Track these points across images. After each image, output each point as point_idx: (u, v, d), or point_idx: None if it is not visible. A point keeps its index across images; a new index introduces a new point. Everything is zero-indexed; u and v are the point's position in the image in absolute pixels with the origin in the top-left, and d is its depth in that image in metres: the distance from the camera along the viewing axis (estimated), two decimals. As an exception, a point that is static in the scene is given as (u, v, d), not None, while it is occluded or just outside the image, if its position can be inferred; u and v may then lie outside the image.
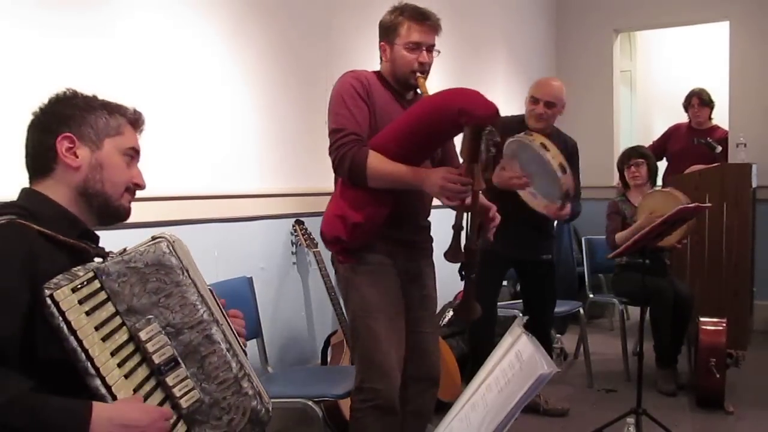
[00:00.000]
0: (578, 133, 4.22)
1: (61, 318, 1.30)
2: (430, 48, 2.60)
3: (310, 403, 2.78)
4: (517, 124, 3.72)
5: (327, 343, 3.67)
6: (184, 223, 3.00)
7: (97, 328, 1.35)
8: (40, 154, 1.54)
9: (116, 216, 1.61)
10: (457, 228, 2.46)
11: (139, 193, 1.68)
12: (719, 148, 5.51)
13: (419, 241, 2.74)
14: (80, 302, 1.34)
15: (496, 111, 2.29)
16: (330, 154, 2.49)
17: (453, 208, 2.44)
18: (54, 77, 2.60)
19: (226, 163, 3.36)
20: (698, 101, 5.66)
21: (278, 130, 3.66)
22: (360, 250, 2.55)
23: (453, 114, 2.30)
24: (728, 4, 6.02)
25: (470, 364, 4.02)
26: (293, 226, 3.67)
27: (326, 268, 3.56)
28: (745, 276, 5.16)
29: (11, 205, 1.48)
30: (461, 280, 2.53)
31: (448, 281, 2.91)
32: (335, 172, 2.52)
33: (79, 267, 1.40)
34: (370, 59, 4.03)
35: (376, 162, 2.41)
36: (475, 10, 5.47)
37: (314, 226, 3.71)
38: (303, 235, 3.63)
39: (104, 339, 1.36)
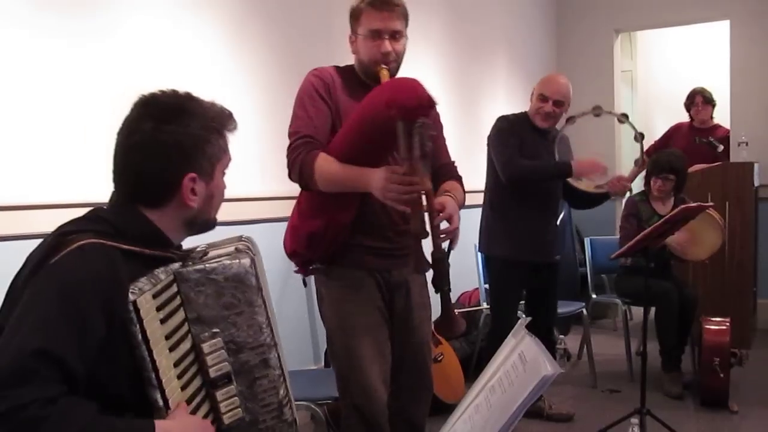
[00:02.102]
0: (579, 133, 4.21)
1: (138, 326, 1.29)
2: (394, 35, 2.33)
3: (312, 405, 2.78)
4: (525, 122, 3.71)
5: (330, 345, 3.67)
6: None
7: (167, 337, 1.35)
8: (155, 186, 1.46)
9: (208, 230, 1.59)
10: (415, 235, 2.16)
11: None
12: (721, 147, 5.51)
13: (398, 248, 2.42)
14: (158, 309, 1.34)
15: (429, 101, 2.07)
16: (286, 158, 2.33)
17: (404, 212, 2.18)
18: (55, 81, 2.61)
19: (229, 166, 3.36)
20: (701, 99, 5.66)
21: (279, 133, 3.63)
22: (328, 262, 2.38)
23: (382, 107, 2.07)
24: (728, 4, 6.02)
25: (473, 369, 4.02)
26: (295, 228, 3.67)
27: (328, 271, 3.56)
28: (748, 275, 5.16)
29: (98, 218, 1.42)
30: (435, 293, 2.27)
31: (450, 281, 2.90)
32: (289, 177, 2.33)
33: (161, 269, 1.39)
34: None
35: (324, 164, 2.21)
36: (475, 10, 5.46)
37: (316, 228, 3.71)
38: (305, 237, 3.63)
39: (171, 349, 1.36)
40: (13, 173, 2.50)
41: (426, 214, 2.16)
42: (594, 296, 5.04)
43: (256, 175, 3.52)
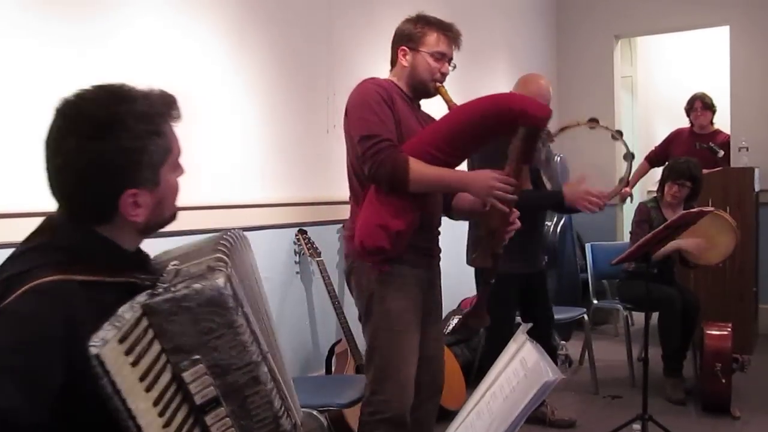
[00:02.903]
0: (579, 139, 4.21)
1: (106, 378, 1.21)
2: (449, 61, 2.65)
3: (314, 412, 2.78)
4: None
5: (331, 352, 3.67)
6: (187, 233, 2.99)
7: (141, 378, 1.27)
8: (91, 207, 1.36)
9: (169, 223, 1.51)
10: (488, 232, 2.48)
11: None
12: (721, 153, 5.51)
13: (435, 248, 2.72)
14: (127, 353, 1.25)
15: (550, 114, 2.39)
16: (364, 161, 2.42)
17: (482, 212, 2.50)
18: (56, 87, 2.61)
19: (228, 172, 3.36)
20: (701, 105, 5.66)
21: (280, 140, 3.66)
22: (393, 260, 2.50)
23: (512, 116, 2.34)
24: (728, 9, 6.03)
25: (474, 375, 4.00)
26: (296, 235, 3.67)
27: (329, 277, 3.56)
28: (749, 280, 5.16)
29: (48, 247, 1.33)
30: (479, 285, 2.55)
31: (452, 288, 2.91)
32: (372, 179, 2.44)
33: (126, 306, 1.28)
34: (371, 66, 4.04)
35: (419, 166, 2.39)
36: (476, 16, 5.48)
37: (317, 235, 3.72)
38: (306, 244, 3.63)
39: (148, 389, 1.28)
40: (14, 180, 2.50)
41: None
42: (595, 302, 5.04)
43: (256, 182, 3.52)
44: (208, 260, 1.41)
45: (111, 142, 1.31)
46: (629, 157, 3.19)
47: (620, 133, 3.41)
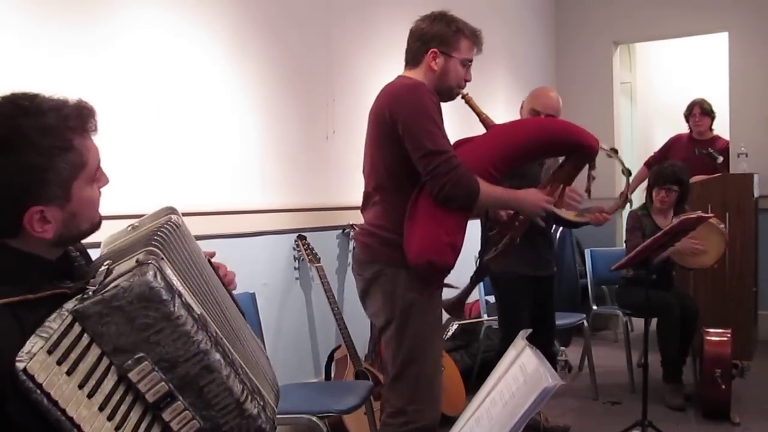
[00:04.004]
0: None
1: (39, 391, 1.17)
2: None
3: (314, 418, 2.77)
4: None
5: (330, 358, 3.66)
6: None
7: (81, 386, 1.23)
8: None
9: (89, 235, 1.45)
10: (512, 239, 2.73)
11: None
12: (721, 159, 5.51)
13: None
14: (59, 362, 1.21)
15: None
16: (434, 177, 2.37)
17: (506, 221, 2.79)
18: (55, 91, 2.61)
19: (228, 178, 3.37)
20: (699, 110, 5.67)
21: (280, 146, 3.67)
22: None
23: (575, 146, 2.62)
24: (727, 15, 6.04)
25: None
26: (296, 241, 3.67)
27: (329, 283, 3.56)
28: (748, 286, 5.15)
29: None
30: (472, 281, 2.76)
31: (453, 293, 2.91)
32: (444, 197, 2.38)
33: (53, 316, 1.24)
34: (371, 71, 4.06)
35: (485, 187, 2.44)
36: (474, 21, 5.44)
37: (316, 241, 3.72)
38: (305, 250, 3.63)
39: (90, 395, 1.24)
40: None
41: None
42: (595, 308, 5.04)
43: (256, 188, 3.53)
44: (138, 254, 1.35)
45: (12, 158, 1.26)
46: (627, 173, 3.23)
47: (615, 150, 3.40)
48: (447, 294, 2.71)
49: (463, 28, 2.59)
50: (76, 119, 1.34)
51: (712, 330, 4.08)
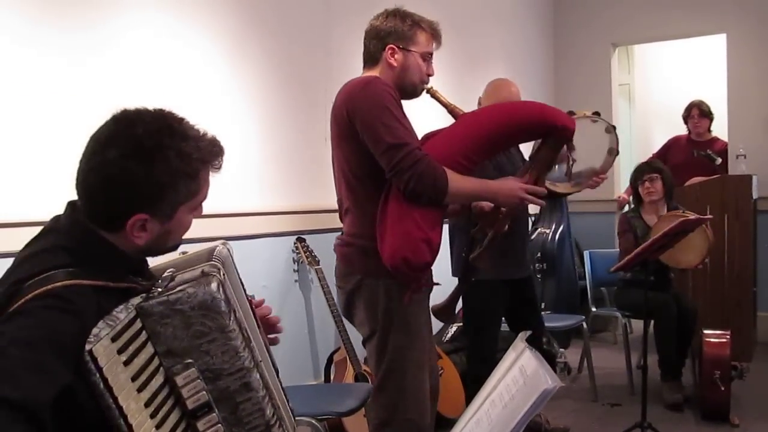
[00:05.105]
0: (577, 147, 4.20)
1: (98, 374, 1.24)
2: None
3: (314, 421, 2.77)
4: None
5: (330, 360, 3.66)
6: (186, 242, 2.99)
7: (134, 378, 1.29)
8: (104, 216, 1.41)
9: (170, 251, 1.56)
10: (500, 231, 2.54)
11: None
12: (719, 160, 5.52)
13: None
14: (119, 351, 1.28)
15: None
16: (398, 172, 2.26)
17: (486, 214, 2.58)
18: (54, 95, 2.62)
19: (227, 181, 3.35)
20: (698, 112, 5.68)
21: (278, 149, 3.67)
22: None
23: (554, 129, 2.42)
24: (725, 17, 6.05)
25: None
26: (295, 243, 3.68)
27: (328, 286, 3.56)
28: (747, 287, 5.15)
29: (59, 249, 1.37)
30: (462, 283, 2.66)
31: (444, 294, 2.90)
32: (411, 191, 2.27)
33: (121, 307, 1.32)
34: (369, 76, 4.05)
35: (455, 178, 2.31)
36: (473, 24, 5.49)
37: (315, 243, 3.72)
38: (305, 252, 3.63)
39: (140, 389, 1.30)
40: (12, 189, 2.50)
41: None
42: (594, 309, 5.04)
43: (254, 190, 3.53)
44: (203, 266, 1.43)
45: (146, 168, 1.37)
46: (612, 128, 3.11)
47: (597, 114, 3.29)
48: (436, 299, 2.66)
49: (419, 21, 2.47)
50: (208, 154, 1.46)
51: (711, 332, 4.08)
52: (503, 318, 3.80)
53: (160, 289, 1.37)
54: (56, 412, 1.23)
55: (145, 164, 1.37)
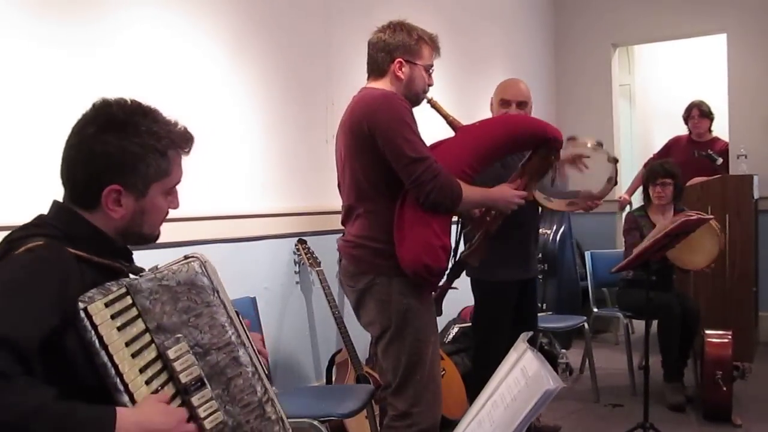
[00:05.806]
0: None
1: (93, 332, 1.31)
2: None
3: (315, 422, 2.77)
4: None
5: (331, 362, 3.66)
6: (187, 244, 3.00)
7: (127, 344, 1.35)
8: (82, 191, 1.51)
9: (146, 243, 1.61)
10: (486, 235, 2.79)
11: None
12: (720, 160, 5.52)
13: None
14: (113, 317, 1.35)
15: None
16: (420, 184, 2.44)
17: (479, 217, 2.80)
18: (54, 90, 2.61)
19: (228, 183, 3.37)
20: (698, 112, 5.68)
21: (280, 150, 3.67)
22: None
23: (544, 140, 2.72)
24: (725, 17, 6.05)
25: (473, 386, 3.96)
26: (296, 245, 3.67)
27: (329, 287, 3.56)
28: (748, 287, 5.15)
29: (45, 224, 1.47)
30: (450, 278, 2.78)
31: (453, 297, 2.91)
32: (431, 203, 2.45)
33: (112, 282, 1.40)
34: (369, 77, 4.05)
35: (466, 189, 2.54)
36: (473, 25, 5.49)
37: (317, 245, 3.72)
38: (306, 254, 3.63)
39: (134, 355, 1.36)
40: (12, 185, 2.50)
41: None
42: (595, 310, 5.04)
43: (256, 193, 3.53)
44: (185, 255, 1.54)
45: (119, 140, 1.47)
46: (613, 160, 3.21)
47: (600, 144, 3.32)
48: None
49: (423, 35, 2.65)
50: (178, 137, 1.57)
51: (712, 332, 4.08)
52: None
53: (146, 272, 1.48)
54: (45, 367, 1.29)
55: (118, 135, 1.47)
